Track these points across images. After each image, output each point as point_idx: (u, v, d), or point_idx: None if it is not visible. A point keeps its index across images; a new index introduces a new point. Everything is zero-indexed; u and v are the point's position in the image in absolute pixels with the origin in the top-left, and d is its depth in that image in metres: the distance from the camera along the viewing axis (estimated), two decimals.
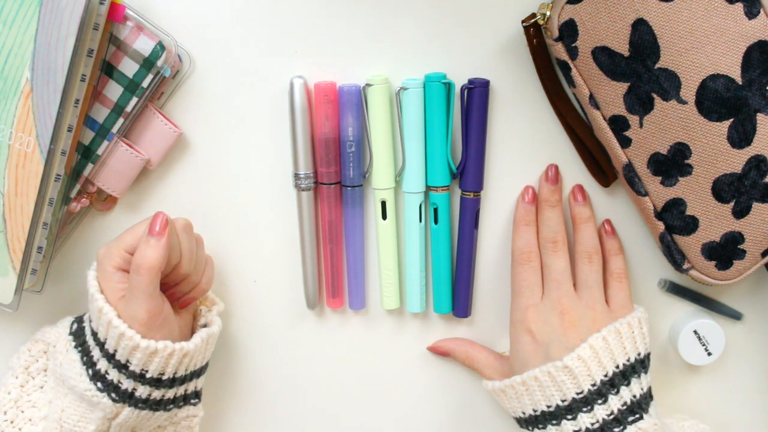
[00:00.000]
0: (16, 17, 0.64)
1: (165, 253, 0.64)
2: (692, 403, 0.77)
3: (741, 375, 0.77)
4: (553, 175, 0.72)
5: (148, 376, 0.65)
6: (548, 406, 0.66)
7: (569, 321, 0.68)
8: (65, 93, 0.65)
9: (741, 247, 0.68)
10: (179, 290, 0.69)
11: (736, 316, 0.75)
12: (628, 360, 0.67)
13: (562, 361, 0.66)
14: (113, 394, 0.65)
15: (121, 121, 0.70)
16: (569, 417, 0.66)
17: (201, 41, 0.72)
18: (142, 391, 0.66)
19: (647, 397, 0.67)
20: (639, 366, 0.67)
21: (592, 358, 0.66)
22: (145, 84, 0.69)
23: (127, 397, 0.66)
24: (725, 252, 0.68)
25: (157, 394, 0.67)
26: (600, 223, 0.73)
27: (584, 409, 0.65)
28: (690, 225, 0.68)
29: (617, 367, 0.66)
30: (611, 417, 0.65)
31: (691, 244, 0.69)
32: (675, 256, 0.70)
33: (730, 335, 0.75)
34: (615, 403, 0.65)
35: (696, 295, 0.75)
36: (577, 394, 0.65)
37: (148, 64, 0.68)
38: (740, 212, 0.67)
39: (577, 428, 0.65)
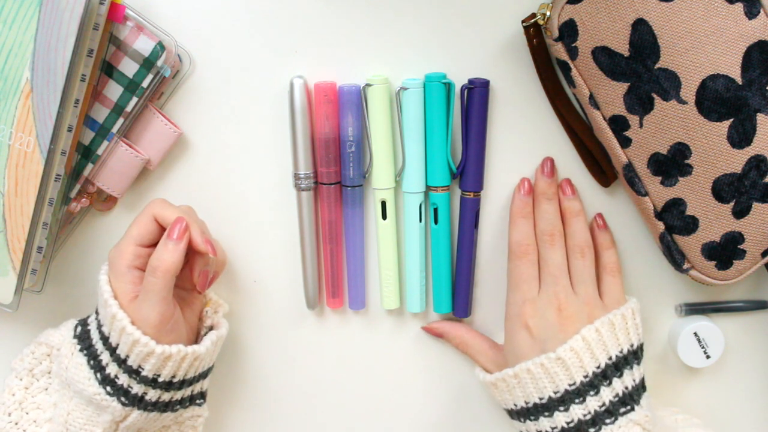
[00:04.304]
0: (16, 17, 0.64)
1: (181, 258, 0.65)
2: (691, 405, 0.77)
3: (740, 376, 0.77)
4: (549, 169, 0.72)
5: (160, 380, 0.66)
6: (540, 398, 0.66)
7: (566, 316, 0.68)
8: (65, 93, 0.65)
9: (741, 247, 0.68)
10: (197, 268, 0.69)
11: (763, 305, 0.75)
12: (621, 351, 0.67)
13: (555, 353, 0.66)
14: (123, 399, 0.66)
15: (121, 121, 0.70)
16: (561, 408, 0.66)
17: (201, 41, 0.72)
18: (153, 394, 0.66)
19: (639, 389, 0.67)
20: (632, 357, 0.67)
21: (585, 349, 0.66)
22: (145, 84, 0.69)
23: (137, 401, 0.66)
24: (725, 252, 0.68)
25: (166, 396, 0.67)
26: (591, 217, 0.73)
27: (576, 401, 0.65)
28: (690, 225, 0.68)
29: (610, 358, 0.66)
30: (603, 408, 0.65)
31: (691, 244, 0.69)
32: (675, 256, 0.70)
33: (729, 336, 0.75)
34: (607, 394, 0.65)
35: (715, 305, 0.75)
36: (570, 385, 0.65)
37: (148, 64, 0.68)
38: (740, 212, 0.67)
39: (569, 419, 0.65)
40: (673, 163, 0.66)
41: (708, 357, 0.74)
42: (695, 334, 0.73)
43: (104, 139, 0.70)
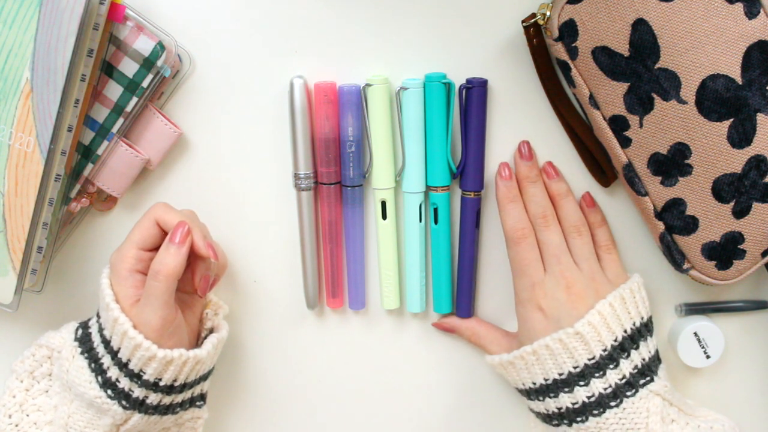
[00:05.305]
0: (16, 17, 0.64)
1: (183, 262, 0.65)
2: None
3: (740, 376, 0.77)
4: (527, 152, 0.72)
5: (161, 384, 0.66)
6: (560, 374, 0.67)
7: (575, 293, 0.68)
8: (65, 93, 0.65)
9: (741, 247, 0.68)
10: (199, 273, 0.69)
11: (763, 305, 0.75)
12: (634, 324, 0.68)
13: (574, 328, 0.66)
14: (124, 402, 0.66)
15: (121, 121, 0.70)
16: (582, 383, 0.66)
17: (201, 41, 0.72)
18: (154, 398, 0.66)
19: (656, 360, 0.69)
20: (644, 330, 0.69)
21: (601, 323, 0.67)
22: (145, 84, 0.69)
23: (138, 405, 0.66)
24: (725, 252, 0.68)
25: (167, 399, 0.67)
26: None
27: (596, 375, 0.66)
28: (690, 225, 0.68)
29: (625, 331, 0.67)
30: (623, 381, 0.66)
31: (691, 244, 0.69)
32: (675, 256, 0.70)
33: (729, 336, 0.75)
34: (626, 367, 0.66)
35: (715, 305, 0.75)
36: (589, 360, 0.66)
37: (148, 64, 0.68)
38: (740, 212, 0.67)
39: (590, 394, 0.66)
40: (673, 163, 0.66)
41: (708, 357, 0.74)
42: (695, 334, 0.73)
43: (104, 139, 0.70)
